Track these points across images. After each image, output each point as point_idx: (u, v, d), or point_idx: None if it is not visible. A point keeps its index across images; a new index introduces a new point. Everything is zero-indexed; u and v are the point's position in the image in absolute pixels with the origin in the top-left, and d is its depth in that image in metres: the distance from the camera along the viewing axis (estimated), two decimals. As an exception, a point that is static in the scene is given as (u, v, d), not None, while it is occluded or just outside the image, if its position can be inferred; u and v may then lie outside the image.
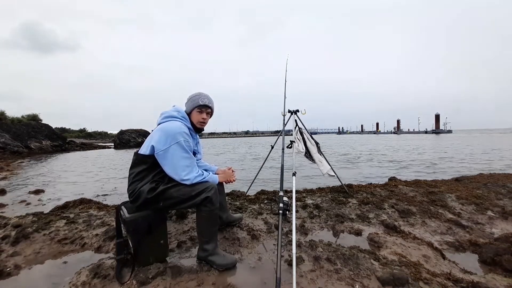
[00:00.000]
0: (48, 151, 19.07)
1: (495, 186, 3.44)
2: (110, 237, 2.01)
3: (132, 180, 1.55)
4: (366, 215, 2.48)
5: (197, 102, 1.68)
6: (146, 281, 1.41)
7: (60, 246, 1.97)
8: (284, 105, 2.57)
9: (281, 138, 2.38)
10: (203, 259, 1.60)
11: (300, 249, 1.76)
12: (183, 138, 1.52)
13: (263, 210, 2.62)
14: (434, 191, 3.21)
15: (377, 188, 3.42)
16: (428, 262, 1.64)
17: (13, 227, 2.26)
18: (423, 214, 2.48)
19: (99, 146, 29.23)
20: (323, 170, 2.90)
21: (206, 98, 1.71)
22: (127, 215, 1.51)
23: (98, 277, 1.47)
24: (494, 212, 2.54)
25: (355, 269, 1.50)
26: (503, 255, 1.66)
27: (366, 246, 1.86)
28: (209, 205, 1.52)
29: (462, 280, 1.42)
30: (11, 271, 1.62)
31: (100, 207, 2.93)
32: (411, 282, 1.36)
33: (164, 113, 1.67)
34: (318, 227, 2.24)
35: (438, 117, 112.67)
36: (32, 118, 21.82)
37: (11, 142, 16.16)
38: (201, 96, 1.71)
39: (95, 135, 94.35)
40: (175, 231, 2.13)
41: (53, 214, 2.65)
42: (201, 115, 1.70)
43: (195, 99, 1.70)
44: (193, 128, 1.72)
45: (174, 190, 1.51)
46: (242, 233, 2.06)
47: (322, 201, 2.87)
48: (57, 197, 4.36)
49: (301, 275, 1.46)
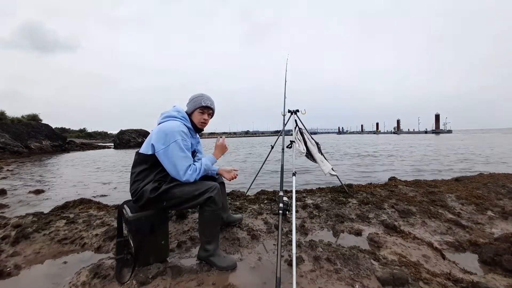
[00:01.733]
0: (48, 151, 19.08)
1: (495, 186, 3.44)
2: (110, 237, 2.01)
3: (134, 180, 1.55)
4: (366, 215, 2.48)
5: (199, 103, 1.70)
6: (146, 281, 1.41)
7: (60, 246, 1.97)
8: (284, 105, 2.57)
9: (281, 138, 2.38)
10: (203, 259, 1.60)
11: (300, 249, 1.76)
12: (181, 137, 1.53)
13: (263, 210, 2.62)
14: (434, 191, 3.21)
15: (377, 188, 3.43)
16: (428, 262, 1.64)
17: (13, 227, 2.26)
18: (423, 214, 2.48)
19: (99, 146, 29.24)
20: (325, 169, 2.91)
21: (208, 100, 1.73)
22: (130, 214, 1.51)
23: (98, 277, 1.47)
24: (494, 212, 2.54)
25: (355, 269, 1.50)
26: (503, 255, 1.65)
27: (366, 246, 1.86)
28: (212, 205, 1.53)
29: (462, 280, 1.42)
30: (11, 271, 1.62)
31: (100, 207, 2.93)
32: (411, 282, 1.36)
33: (164, 113, 1.68)
34: (318, 227, 2.24)
35: (438, 117, 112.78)
36: (32, 118, 21.82)
37: (11, 142, 16.16)
38: (204, 97, 1.73)
39: (95, 135, 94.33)
40: (175, 231, 2.13)
41: (53, 214, 2.65)
42: (203, 115, 1.73)
43: (197, 100, 1.71)
44: (194, 128, 1.74)
45: (177, 189, 1.51)
46: (242, 233, 2.06)
47: (322, 201, 2.87)
48: (57, 197, 4.36)
49: (301, 275, 1.46)
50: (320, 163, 2.92)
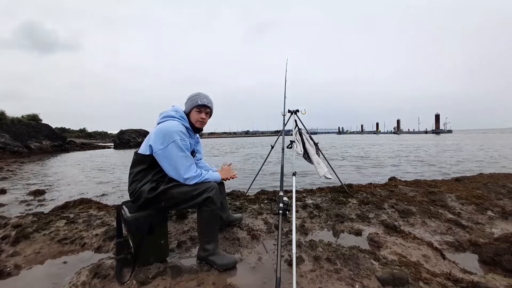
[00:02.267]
0: (48, 151, 19.07)
1: (495, 186, 3.44)
2: (110, 237, 2.01)
3: (132, 180, 1.55)
4: (366, 215, 2.48)
5: (196, 101, 1.69)
6: (146, 281, 1.41)
7: (60, 246, 1.97)
8: (284, 105, 2.57)
9: (281, 138, 2.38)
10: (203, 259, 1.60)
11: (300, 249, 1.76)
12: (179, 137, 1.52)
13: (263, 210, 2.62)
14: (434, 191, 3.21)
15: (377, 188, 3.43)
16: (428, 262, 1.64)
17: (13, 227, 2.26)
18: (423, 214, 2.47)
19: (99, 146, 29.23)
20: (320, 172, 2.82)
21: (205, 98, 1.72)
22: (128, 214, 1.51)
23: (98, 277, 1.47)
24: (494, 212, 2.54)
25: (355, 269, 1.50)
26: (503, 255, 1.65)
27: (366, 246, 1.86)
28: (211, 205, 1.52)
29: (462, 280, 1.42)
30: (11, 271, 1.62)
31: (100, 207, 2.93)
32: (411, 282, 1.36)
33: (163, 113, 1.68)
34: (318, 227, 2.24)
35: (438, 117, 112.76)
36: (32, 118, 21.82)
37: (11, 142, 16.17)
38: (200, 96, 1.72)
39: (95, 135, 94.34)
40: (175, 231, 2.13)
41: (53, 214, 2.65)
42: (200, 114, 1.71)
43: (194, 99, 1.71)
44: (192, 128, 1.72)
45: (175, 190, 1.51)
46: (242, 233, 2.06)
47: (322, 201, 2.87)
48: (57, 197, 4.36)
49: (301, 275, 1.46)
50: (316, 165, 2.85)
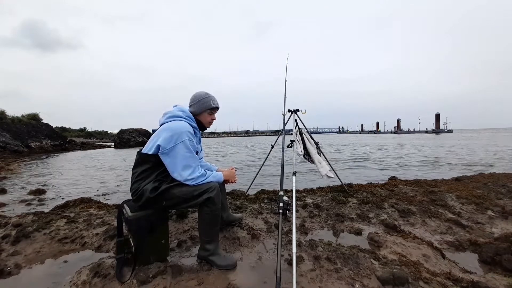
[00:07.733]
0: (49, 150, 19.09)
1: (495, 186, 3.44)
2: (111, 236, 2.01)
3: (135, 179, 1.55)
4: (366, 214, 2.48)
5: (209, 104, 1.71)
6: (146, 280, 1.41)
7: (61, 245, 1.97)
8: (284, 104, 2.58)
9: (281, 137, 2.38)
10: (203, 259, 1.61)
11: (300, 248, 1.76)
12: (188, 137, 1.53)
13: (263, 209, 2.62)
14: (434, 190, 3.21)
15: (377, 188, 3.42)
16: (428, 262, 1.64)
17: (13, 226, 2.27)
18: (423, 214, 2.47)
19: (99, 145, 29.26)
20: (322, 171, 2.83)
21: (216, 100, 1.76)
22: (129, 213, 1.51)
23: (99, 276, 1.47)
24: (494, 212, 2.54)
25: (355, 269, 1.50)
26: (503, 254, 1.65)
27: (366, 246, 1.86)
28: (211, 205, 1.52)
29: (462, 280, 1.42)
30: (11, 270, 1.62)
31: (101, 207, 2.93)
32: (411, 282, 1.37)
33: (168, 113, 1.66)
34: (318, 227, 2.24)
35: (438, 116, 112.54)
36: (33, 118, 21.83)
37: (11, 141, 16.18)
38: (212, 98, 1.74)
39: (95, 135, 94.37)
40: (176, 230, 2.14)
41: (54, 214, 2.65)
42: (212, 116, 1.77)
43: (206, 102, 1.71)
44: (200, 128, 1.76)
45: (176, 189, 1.51)
46: (242, 233, 2.06)
47: (322, 201, 2.87)
48: (57, 197, 4.37)
49: (301, 275, 1.46)
50: (317, 164, 2.86)
